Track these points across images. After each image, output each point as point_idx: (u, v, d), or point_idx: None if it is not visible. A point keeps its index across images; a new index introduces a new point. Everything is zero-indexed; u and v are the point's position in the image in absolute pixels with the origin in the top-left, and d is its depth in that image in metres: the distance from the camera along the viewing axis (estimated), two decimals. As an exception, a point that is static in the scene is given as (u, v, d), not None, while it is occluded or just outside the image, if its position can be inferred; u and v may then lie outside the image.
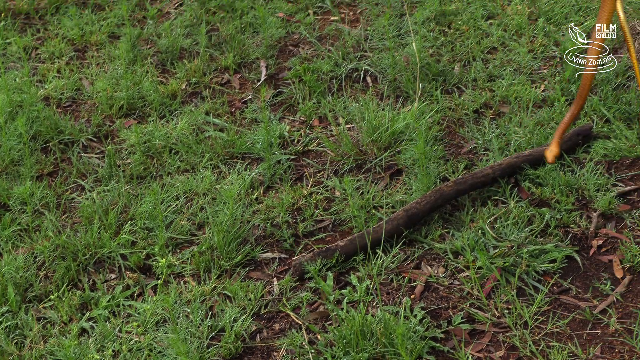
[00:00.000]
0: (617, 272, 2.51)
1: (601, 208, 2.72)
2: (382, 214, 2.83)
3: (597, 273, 2.54)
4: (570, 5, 3.80)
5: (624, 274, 2.51)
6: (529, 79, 3.42)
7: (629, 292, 2.46)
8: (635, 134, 2.98)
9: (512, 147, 3.04)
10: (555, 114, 3.15)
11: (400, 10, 3.93)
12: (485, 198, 2.84)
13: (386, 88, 3.45)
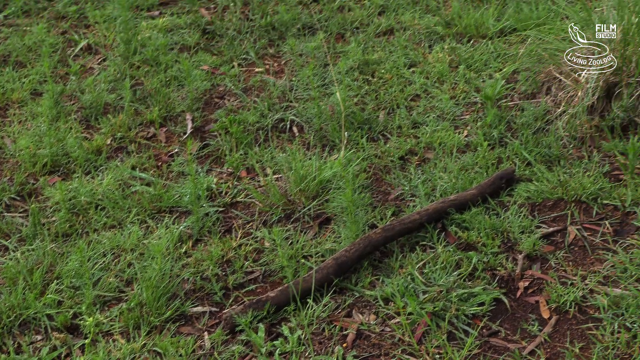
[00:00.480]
0: (544, 313, 2.55)
1: (526, 250, 2.77)
2: (312, 263, 2.83)
3: (525, 314, 2.57)
4: (489, 52, 3.90)
5: (550, 314, 2.54)
6: (452, 124, 3.48)
7: (556, 332, 2.49)
8: (555, 176, 3.05)
9: (438, 192, 3.08)
10: (478, 158, 3.21)
11: (324, 60, 3.98)
12: (413, 244, 2.86)
13: (312, 137, 3.48)
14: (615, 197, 2.95)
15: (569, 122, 3.29)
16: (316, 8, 4.51)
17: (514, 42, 3.95)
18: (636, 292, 2.52)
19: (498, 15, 4.16)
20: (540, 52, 3.58)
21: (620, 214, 2.89)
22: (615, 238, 2.80)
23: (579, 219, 2.90)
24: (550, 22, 3.79)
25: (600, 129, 3.27)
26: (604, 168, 3.09)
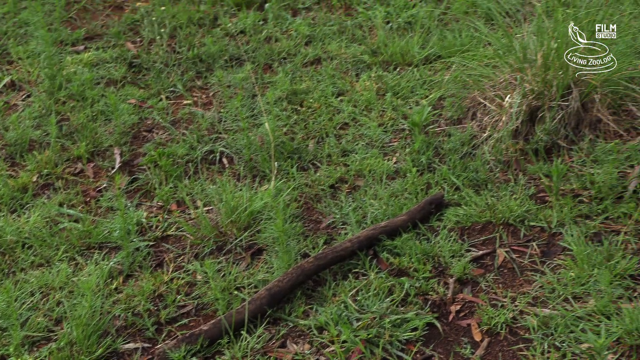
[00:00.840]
0: (475, 336, 2.58)
1: (457, 274, 2.80)
2: (244, 294, 2.81)
3: (457, 338, 2.59)
4: (415, 79, 3.95)
5: (482, 336, 2.57)
6: (381, 152, 3.51)
7: (488, 354, 2.52)
8: (483, 200, 3.09)
9: (369, 219, 3.10)
10: (408, 184, 3.24)
11: (252, 91, 3.99)
12: (346, 271, 2.87)
13: (242, 168, 3.47)
14: (541, 218, 3.00)
15: (494, 146, 3.35)
16: (243, 39, 4.52)
17: (439, 69, 4.01)
18: (564, 312, 2.56)
19: (423, 43, 4.22)
20: (465, 78, 3.65)
21: (547, 235, 2.95)
22: (543, 259, 2.85)
23: (507, 242, 2.95)
24: (474, 49, 3.86)
25: (525, 152, 3.33)
26: (529, 190, 3.15)
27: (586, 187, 3.12)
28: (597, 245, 2.81)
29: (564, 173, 3.14)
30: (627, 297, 2.60)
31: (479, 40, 3.96)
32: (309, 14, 4.75)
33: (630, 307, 2.51)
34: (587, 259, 2.74)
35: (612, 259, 2.74)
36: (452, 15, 4.44)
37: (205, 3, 4.90)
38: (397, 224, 3.00)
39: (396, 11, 4.58)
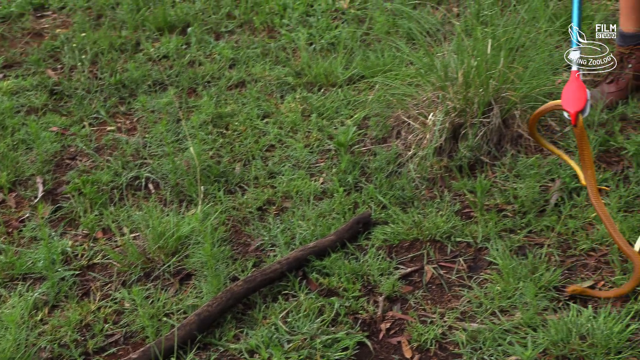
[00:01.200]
0: (406, 353, 2.59)
1: (386, 292, 2.81)
2: (174, 320, 2.78)
3: (388, 356, 2.60)
4: (339, 100, 3.98)
5: (412, 353, 2.59)
6: (308, 173, 3.52)
7: (419, 370, 2.54)
8: (410, 218, 3.12)
9: (297, 240, 3.10)
10: (335, 204, 3.25)
11: (177, 115, 3.96)
12: (275, 293, 2.86)
13: (169, 193, 3.44)
14: (467, 234, 3.04)
15: (419, 164, 3.39)
16: (166, 64, 4.49)
17: (363, 89, 4.05)
18: (492, 326, 2.60)
19: (346, 64, 4.26)
20: (389, 97, 3.69)
21: (473, 250, 2.99)
22: (470, 274, 2.88)
23: (435, 258, 2.98)
24: (396, 69, 3.90)
25: (449, 169, 3.37)
26: (455, 207, 3.19)
27: (510, 201, 3.17)
28: (521, 259, 2.86)
29: (487, 188, 3.19)
30: (552, 308, 2.65)
31: (401, 60, 4.01)
32: (232, 37, 4.75)
33: (555, 319, 2.56)
34: (513, 273, 2.79)
35: (536, 272, 2.79)
36: (374, 36, 4.49)
37: (127, 28, 4.86)
38: (325, 244, 3.01)
39: (319, 33, 4.62)
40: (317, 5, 4.91)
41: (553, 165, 3.29)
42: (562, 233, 2.99)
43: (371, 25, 4.64)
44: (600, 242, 2.91)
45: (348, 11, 4.86)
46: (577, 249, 2.92)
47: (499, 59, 3.39)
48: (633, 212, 3.02)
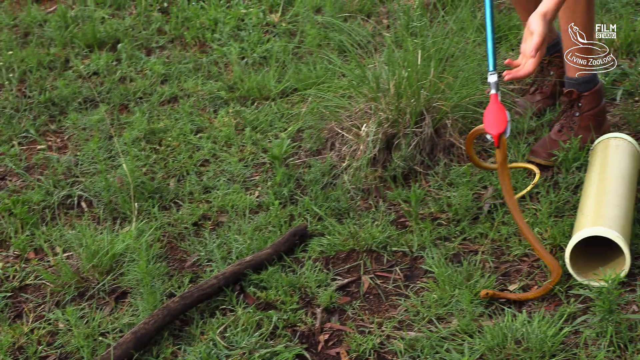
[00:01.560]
0: (345, 363, 2.60)
1: (324, 303, 2.81)
2: (110, 339, 2.74)
3: (328, 367, 2.61)
4: (273, 113, 3.98)
5: (352, 363, 2.60)
6: (243, 186, 3.51)
7: (359, 380, 2.54)
8: (346, 229, 3.13)
9: (234, 254, 3.09)
10: (271, 217, 3.25)
11: (109, 132, 3.92)
12: (213, 308, 2.84)
13: (102, 211, 3.40)
14: (403, 243, 3.06)
15: (354, 175, 3.41)
16: (97, 80, 4.44)
17: (296, 102, 4.06)
18: (429, 333, 2.62)
19: (279, 77, 4.27)
20: (322, 109, 3.70)
21: (409, 259, 3.01)
22: (406, 283, 2.90)
23: (372, 268, 2.99)
24: (329, 81, 3.92)
25: (384, 179, 3.40)
26: (390, 216, 3.21)
27: (444, 210, 3.21)
28: (457, 266, 2.89)
29: (422, 198, 3.22)
30: (487, 314, 2.68)
31: (333, 72, 4.04)
32: (163, 53, 4.73)
33: (491, 325, 2.59)
34: (448, 280, 2.81)
35: (471, 279, 2.82)
36: (306, 49, 4.51)
37: (55, 46, 4.79)
38: (262, 257, 3.00)
39: (250, 47, 4.62)
40: (248, 19, 4.92)
41: (485, 173, 3.34)
42: (496, 240, 3.03)
43: (302, 38, 4.66)
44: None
45: (279, 25, 4.87)
46: (511, 254, 2.96)
47: (429, 69, 3.43)
48: (563, 217, 3.07)
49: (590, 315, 2.60)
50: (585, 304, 2.68)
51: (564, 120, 3.41)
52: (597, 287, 2.65)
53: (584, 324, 2.59)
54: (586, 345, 2.51)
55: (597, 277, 2.71)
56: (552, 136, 3.40)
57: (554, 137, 3.39)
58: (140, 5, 5.13)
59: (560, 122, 3.41)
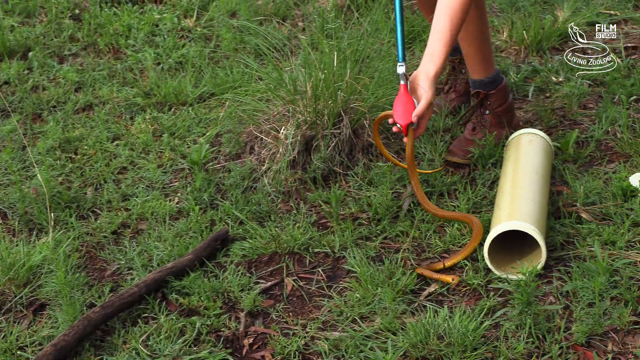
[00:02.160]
0: (270, 366, 2.59)
1: (247, 307, 2.80)
2: (29, 353, 2.68)
3: (253, 370, 2.60)
4: (190, 118, 3.95)
5: (277, 366, 2.59)
6: (162, 193, 3.48)
7: (284, 382, 2.54)
8: (268, 232, 3.13)
9: (155, 262, 3.05)
10: (192, 223, 3.22)
11: (22, 142, 3.84)
12: (135, 317, 2.80)
13: (17, 223, 3.33)
14: (324, 244, 3.08)
15: (274, 178, 3.41)
16: (8, 90, 4.35)
17: (214, 107, 4.04)
18: (353, 333, 2.63)
19: (195, 82, 4.24)
20: (240, 113, 3.69)
21: (331, 259, 3.02)
22: (329, 283, 2.91)
23: (294, 270, 2.99)
24: (246, 85, 3.92)
25: (304, 182, 3.41)
26: (311, 218, 3.22)
27: (364, 209, 3.23)
28: (379, 265, 2.92)
29: (342, 198, 3.24)
30: (409, 311, 2.71)
31: (251, 76, 4.03)
32: (76, 60, 4.65)
33: (413, 321, 2.62)
34: (371, 279, 2.83)
35: (393, 277, 2.84)
36: (222, 53, 4.49)
37: (-36, 55, 4.68)
38: (184, 263, 2.98)
39: (166, 52, 4.58)
40: (163, 24, 4.87)
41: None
42: (416, 237, 3.06)
43: (218, 42, 4.64)
44: (453, 242, 3.00)
45: (194, 30, 4.84)
46: (431, 251, 3.00)
47: (345, 70, 3.45)
48: (481, 212, 3.12)
49: (510, 308, 2.66)
50: (504, 297, 2.73)
51: (476, 120, 3.47)
52: (515, 280, 2.71)
53: (504, 317, 2.64)
54: (506, 338, 2.56)
55: (514, 270, 2.77)
56: (467, 136, 3.46)
57: (469, 136, 3.45)
58: (51, 13, 5.04)
59: (473, 122, 3.48)
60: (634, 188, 3.11)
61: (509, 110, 3.48)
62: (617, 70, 3.99)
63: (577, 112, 3.75)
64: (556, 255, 2.88)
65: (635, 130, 3.53)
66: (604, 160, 3.39)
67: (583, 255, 2.84)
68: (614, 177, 3.22)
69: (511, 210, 2.84)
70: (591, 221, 3.01)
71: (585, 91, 3.88)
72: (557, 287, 2.72)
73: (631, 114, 3.66)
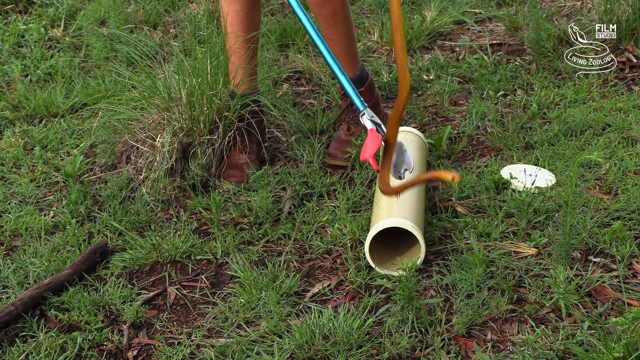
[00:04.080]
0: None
1: (130, 319, 2.76)
2: None
3: (139, 383, 2.56)
4: (63, 130, 3.86)
5: (163, 377, 2.56)
6: (37, 208, 3.38)
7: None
8: (148, 242, 3.09)
9: (31, 278, 2.97)
10: (69, 237, 3.14)
11: None
12: (12, 337, 2.72)
13: None
14: (207, 251, 3.06)
15: (152, 187, 3.36)
16: None
17: (87, 117, 3.95)
18: (239, 338, 2.63)
19: (66, 93, 4.14)
20: (114, 123, 3.62)
21: (214, 266, 3.00)
22: (213, 290, 2.90)
23: (177, 279, 2.96)
24: (119, 94, 3.84)
25: (183, 189, 3.38)
26: (192, 225, 3.19)
27: (245, 214, 3.22)
28: (262, 269, 2.92)
29: (222, 204, 3.23)
30: (294, 313, 2.73)
31: (124, 85, 3.96)
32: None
33: (299, 323, 2.63)
34: (255, 284, 2.83)
35: (277, 280, 2.85)
36: (93, 62, 4.40)
37: None
38: (62, 279, 2.90)
39: (34, 63, 4.45)
40: (29, 35, 4.74)
41: (283, 174, 3.39)
42: (298, 239, 3.08)
43: (88, 52, 4.55)
44: (334, 243, 3.03)
45: (63, 39, 4.73)
46: (314, 253, 3.02)
47: (219, 77, 3.43)
48: (360, 211, 3.17)
49: (392, 304, 2.70)
50: (386, 293, 2.77)
51: (349, 119, 3.52)
52: (397, 276, 2.76)
53: (387, 314, 2.68)
54: (390, 334, 2.60)
55: (395, 267, 2.82)
56: (342, 137, 3.50)
57: (344, 137, 3.49)
58: None
59: (346, 121, 3.52)
60: (505, 180, 3.21)
61: (376, 104, 3.55)
62: (484, 67, 4.12)
63: (448, 109, 3.85)
64: (435, 249, 2.95)
65: (504, 124, 3.65)
66: (476, 154, 3.49)
67: (460, 248, 2.92)
68: (486, 170, 3.32)
69: (389, 208, 2.89)
70: (467, 214, 3.09)
71: (455, 88, 3.99)
72: (437, 280, 2.79)
73: (499, 109, 3.79)
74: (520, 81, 4.03)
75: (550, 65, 4.12)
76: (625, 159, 3.31)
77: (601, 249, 2.86)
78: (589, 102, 3.81)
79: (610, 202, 3.08)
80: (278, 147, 3.60)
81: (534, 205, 3.05)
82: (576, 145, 3.47)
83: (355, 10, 4.93)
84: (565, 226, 2.80)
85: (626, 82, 3.97)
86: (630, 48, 4.14)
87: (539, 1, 4.83)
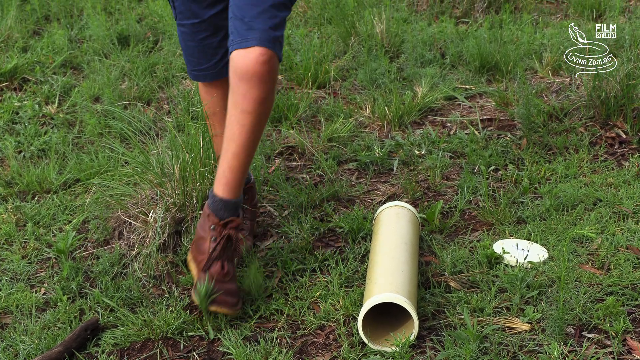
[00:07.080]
0: None
1: (121, 397, 2.72)
2: None
3: None
4: (55, 206, 3.86)
5: None
6: (28, 284, 3.36)
7: None
8: (140, 318, 3.06)
9: (21, 357, 2.93)
10: (60, 314, 3.12)
11: None
12: (1, 417, 2.68)
13: None
14: (198, 327, 3.03)
15: (145, 263, 3.35)
16: None
17: (80, 193, 3.96)
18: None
19: (59, 169, 4.16)
20: (107, 199, 3.63)
21: (206, 342, 2.98)
22: (205, 367, 2.87)
23: (169, 356, 2.93)
24: (112, 169, 3.87)
25: (175, 264, 3.37)
26: (184, 301, 3.18)
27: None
28: (254, 345, 2.89)
29: (214, 280, 3.21)
30: (288, 390, 2.70)
31: (117, 160, 3.99)
32: None
33: (292, 400, 2.60)
34: (247, 360, 2.81)
35: (269, 356, 2.83)
36: (86, 139, 4.43)
37: None
38: (52, 357, 2.87)
39: (27, 140, 4.48)
40: (23, 112, 4.78)
41: (276, 249, 3.39)
42: (291, 315, 3.06)
43: (82, 128, 4.58)
44: (327, 318, 3.01)
45: (57, 116, 4.77)
46: (306, 328, 3.00)
47: (212, 152, 3.46)
48: (353, 286, 3.16)
49: (386, 381, 2.68)
50: (380, 370, 2.75)
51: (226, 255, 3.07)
52: (390, 352, 2.74)
53: (381, 390, 2.65)
54: (385, 411, 2.57)
55: (388, 342, 2.80)
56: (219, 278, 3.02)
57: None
58: None
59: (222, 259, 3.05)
60: (498, 255, 3.22)
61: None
62: (475, 142, 4.16)
63: (440, 184, 3.87)
64: (428, 324, 2.93)
65: (496, 199, 3.67)
66: (468, 229, 3.50)
67: (454, 324, 2.91)
68: (478, 245, 3.33)
69: (382, 282, 2.89)
70: (460, 289, 3.09)
71: (447, 163, 4.02)
72: (431, 356, 2.77)
73: (491, 184, 3.81)
74: (511, 156, 4.07)
75: (540, 140, 4.17)
76: (617, 234, 3.33)
77: (595, 325, 2.86)
78: (579, 177, 3.84)
79: (603, 277, 3.08)
80: (271, 223, 3.60)
81: (527, 280, 3.05)
82: (568, 220, 3.48)
83: (347, 87, 4.99)
84: (558, 301, 2.80)
85: (616, 158, 4.01)
86: (619, 124, 4.20)
87: (528, 77, 4.90)
